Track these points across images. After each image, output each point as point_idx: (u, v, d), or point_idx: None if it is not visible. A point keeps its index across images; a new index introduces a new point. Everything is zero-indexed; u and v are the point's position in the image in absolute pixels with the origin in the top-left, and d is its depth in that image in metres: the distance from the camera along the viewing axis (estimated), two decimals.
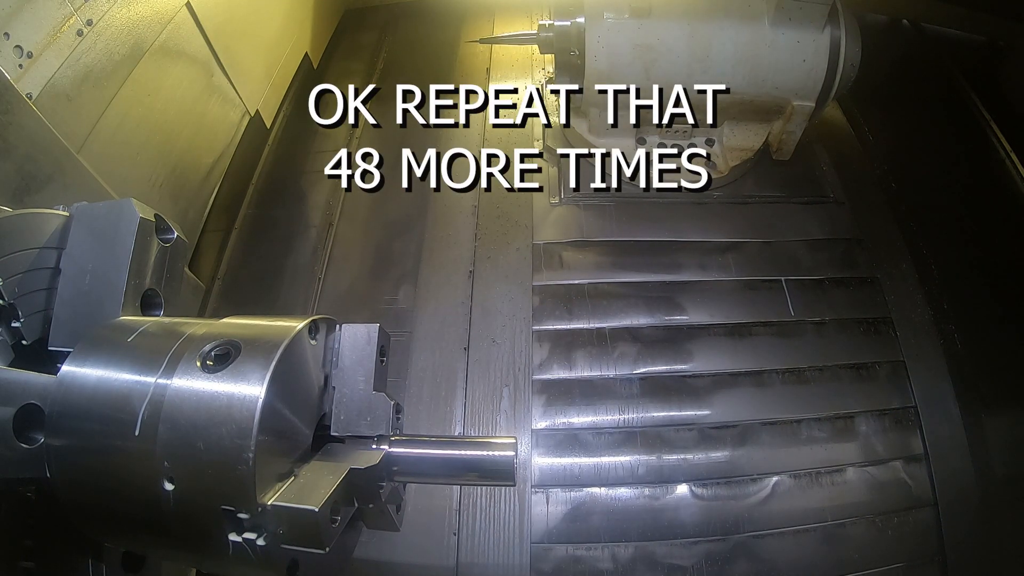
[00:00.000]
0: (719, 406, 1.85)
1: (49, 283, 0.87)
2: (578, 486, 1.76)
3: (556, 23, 2.01)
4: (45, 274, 0.87)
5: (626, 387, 1.88)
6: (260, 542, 0.64)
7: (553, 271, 2.11)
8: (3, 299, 0.81)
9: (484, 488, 1.72)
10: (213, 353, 0.71)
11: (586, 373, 1.90)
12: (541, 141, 2.48)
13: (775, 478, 1.77)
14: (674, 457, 1.79)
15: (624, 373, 1.89)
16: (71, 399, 0.73)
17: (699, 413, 1.85)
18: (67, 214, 0.91)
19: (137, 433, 0.68)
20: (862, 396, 1.88)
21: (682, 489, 1.76)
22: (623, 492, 1.75)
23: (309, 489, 0.67)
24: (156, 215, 0.93)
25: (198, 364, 0.70)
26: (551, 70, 2.35)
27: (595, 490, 1.75)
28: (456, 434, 1.84)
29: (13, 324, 0.83)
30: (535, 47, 2.14)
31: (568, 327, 1.98)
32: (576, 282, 2.07)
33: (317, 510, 0.64)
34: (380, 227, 2.37)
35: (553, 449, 1.80)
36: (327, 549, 0.65)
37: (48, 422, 0.73)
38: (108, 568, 0.80)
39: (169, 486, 0.66)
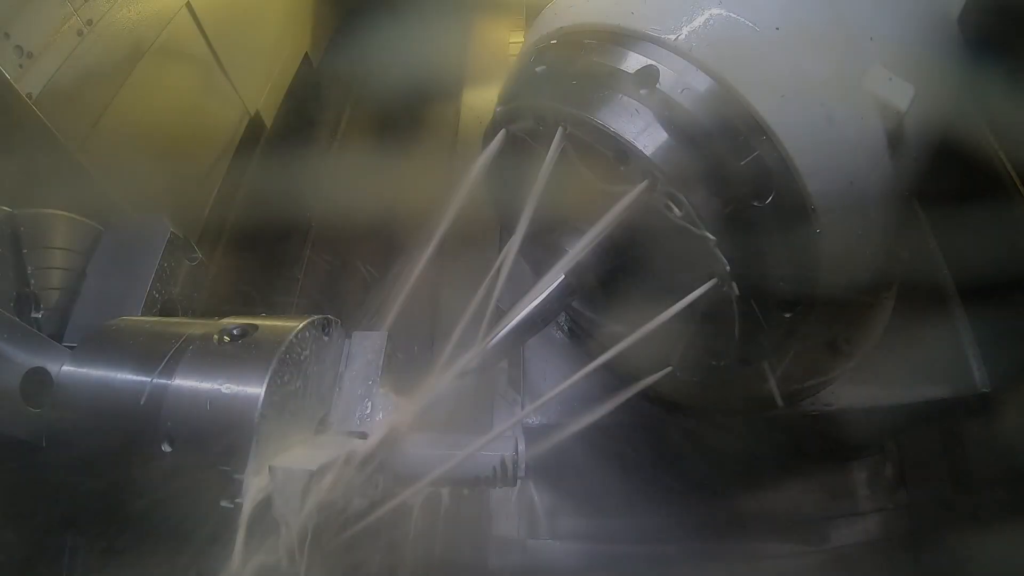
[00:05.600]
0: None
1: (74, 285, 0.93)
2: None
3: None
4: (71, 275, 0.93)
5: None
6: (252, 507, 0.66)
7: None
8: (29, 286, 0.84)
9: None
10: (232, 331, 0.75)
11: None
12: None
13: None
14: None
15: None
16: (82, 368, 0.76)
17: None
18: (100, 228, 0.98)
19: (143, 403, 0.71)
20: None
21: None
22: None
23: (307, 457, 0.69)
24: (185, 236, 1.00)
25: (215, 339, 0.74)
26: None
27: None
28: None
29: (33, 314, 0.87)
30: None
31: None
32: None
33: (315, 469, 0.65)
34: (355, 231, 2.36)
35: None
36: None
37: (56, 387, 0.75)
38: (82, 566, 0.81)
39: (167, 447, 0.68)
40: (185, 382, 0.71)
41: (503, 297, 1.15)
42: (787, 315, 1.04)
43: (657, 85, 0.95)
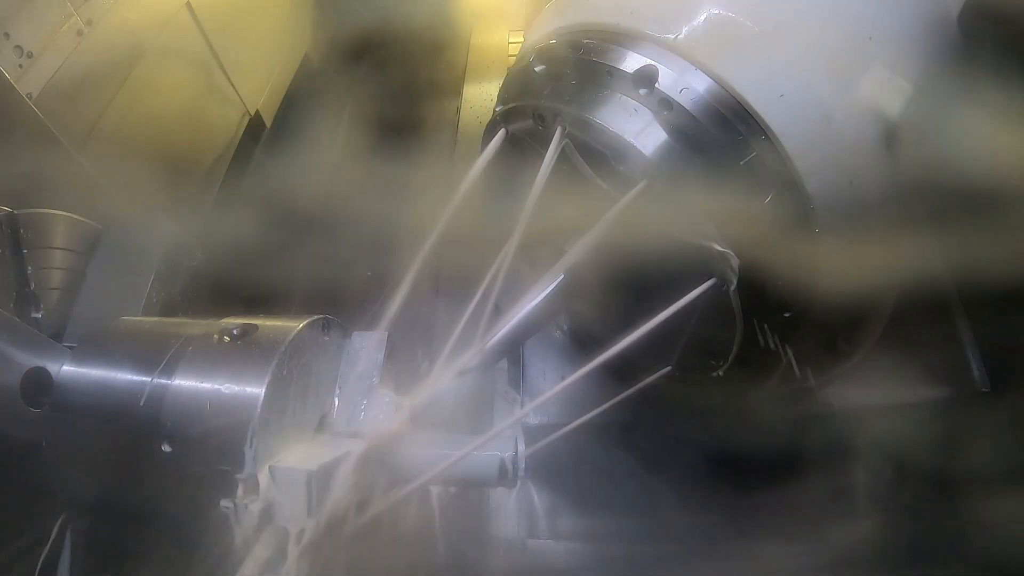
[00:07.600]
0: None
1: (74, 285, 0.93)
2: None
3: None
4: (71, 275, 0.93)
5: None
6: (252, 507, 0.67)
7: None
8: (29, 286, 0.85)
9: None
10: (232, 331, 0.75)
11: None
12: None
13: None
14: None
15: None
16: (82, 368, 0.76)
17: None
18: (100, 228, 1.00)
19: (143, 403, 0.71)
20: None
21: None
22: None
23: (307, 457, 0.70)
24: (185, 236, 0.99)
25: (215, 339, 0.75)
26: None
27: None
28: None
29: (33, 314, 0.88)
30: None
31: None
32: None
33: (314, 469, 0.65)
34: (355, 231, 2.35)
35: None
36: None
37: (56, 387, 0.75)
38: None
39: (167, 447, 0.69)
40: (185, 382, 0.71)
41: (503, 297, 1.16)
42: (786, 315, 1.05)
43: (656, 85, 0.96)
